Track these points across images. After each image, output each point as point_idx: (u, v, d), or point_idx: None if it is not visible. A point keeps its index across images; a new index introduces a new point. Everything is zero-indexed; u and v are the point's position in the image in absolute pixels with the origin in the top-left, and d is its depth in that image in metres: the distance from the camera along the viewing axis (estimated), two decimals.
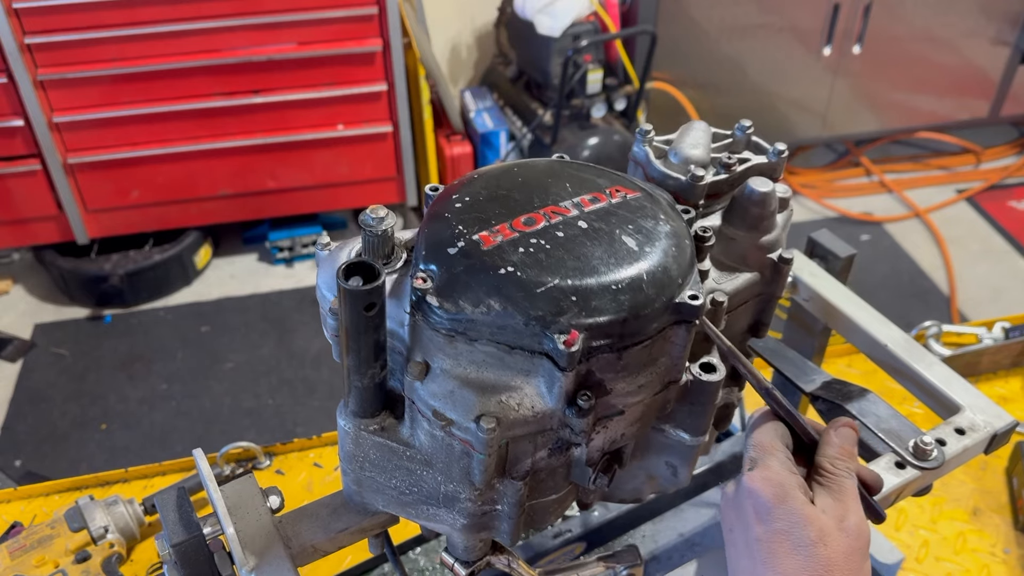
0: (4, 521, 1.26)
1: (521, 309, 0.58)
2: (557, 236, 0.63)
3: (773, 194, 0.74)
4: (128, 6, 2.67)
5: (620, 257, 0.62)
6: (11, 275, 3.26)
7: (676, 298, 0.62)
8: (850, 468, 0.67)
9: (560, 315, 0.58)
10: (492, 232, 0.62)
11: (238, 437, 1.45)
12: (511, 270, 0.60)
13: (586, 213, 0.65)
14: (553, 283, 0.59)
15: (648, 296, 0.61)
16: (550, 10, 2.99)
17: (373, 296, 0.55)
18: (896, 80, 3.57)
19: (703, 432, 0.68)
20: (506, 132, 3.26)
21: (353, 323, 0.56)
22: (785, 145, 0.80)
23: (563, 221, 0.64)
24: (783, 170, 0.81)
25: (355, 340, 0.57)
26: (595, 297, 0.59)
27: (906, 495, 0.80)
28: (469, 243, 0.62)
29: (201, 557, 0.66)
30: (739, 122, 0.81)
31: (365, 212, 0.63)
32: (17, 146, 2.83)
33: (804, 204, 3.67)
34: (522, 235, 0.62)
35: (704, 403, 0.65)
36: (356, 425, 0.63)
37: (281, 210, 3.25)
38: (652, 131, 0.78)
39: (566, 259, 0.61)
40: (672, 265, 0.63)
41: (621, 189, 0.69)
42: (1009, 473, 1.32)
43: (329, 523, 0.69)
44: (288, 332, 3.00)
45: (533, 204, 0.66)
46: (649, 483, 0.78)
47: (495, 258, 0.60)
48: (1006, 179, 3.82)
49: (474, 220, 0.64)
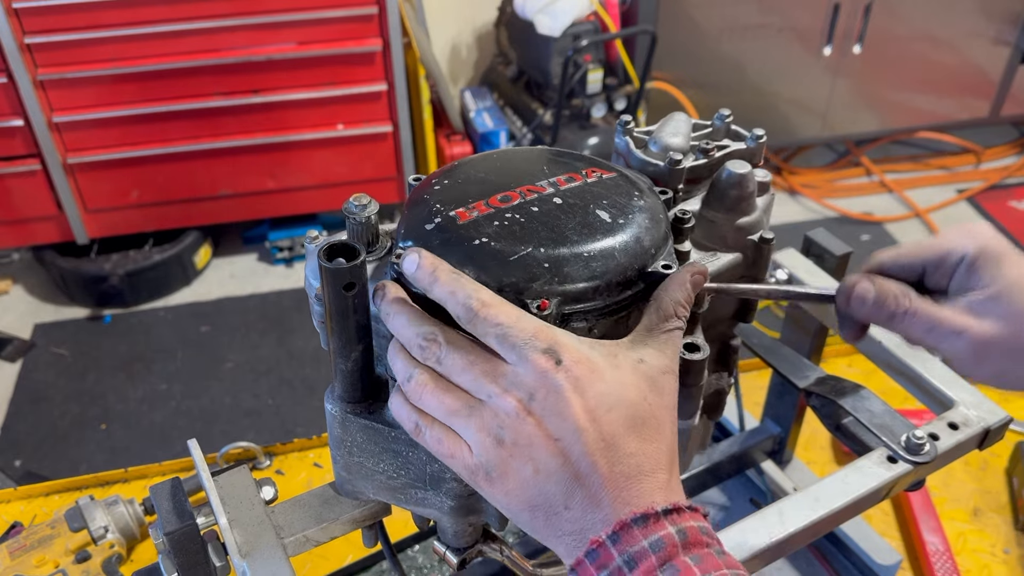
0: (4, 521, 1.26)
1: (494, 276, 0.59)
2: (532, 211, 0.64)
3: (751, 175, 0.75)
4: (128, 6, 2.68)
5: (593, 228, 0.63)
6: (11, 275, 3.27)
7: (649, 267, 0.63)
8: (686, 319, 0.61)
9: (533, 281, 0.59)
10: (468, 209, 0.64)
11: (238, 437, 1.45)
12: (485, 241, 0.61)
13: (561, 191, 0.67)
14: (526, 251, 0.60)
15: (620, 263, 0.62)
16: (550, 10, 3.00)
17: (353, 275, 0.55)
18: (896, 80, 3.57)
19: (691, 415, 0.68)
20: (506, 132, 3.27)
21: (335, 303, 0.57)
22: (763, 131, 0.81)
23: (538, 198, 0.65)
24: (762, 155, 0.82)
25: (338, 321, 0.58)
26: (567, 264, 0.60)
27: (898, 490, 0.80)
28: (446, 218, 0.63)
29: (194, 546, 0.66)
30: (719, 111, 0.82)
31: (348, 200, 0.63)
32: (17, 146, 2.84)
33: (804, 204, 3.67)
34: (497, 210, 0.64)
35: (690, 384, 0.66)
36: (343, 409, 0.64)
37: (281, 210, 3.25)
38: (632, 122, 0.79)
39: (540, 230, 0.62)
40: (645, 236, 0.64)
41: (597, 170, 0.70)
42: (1009, 473, 1.31)
43: (321, 513, 0.69)
44: (288, 332, 3.00)
45: (510, 184, 0.67)
46: None
47: (470, 231, 0.62)
48: (1006, 179, 3.82)
49: (452, 199, 0.65)
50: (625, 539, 0.50)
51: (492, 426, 0.54)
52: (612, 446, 0.53)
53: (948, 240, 0.66)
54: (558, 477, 0.53)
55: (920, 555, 1.18)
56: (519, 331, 0.54)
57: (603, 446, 0.53)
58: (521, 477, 0.54)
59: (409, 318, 0.57)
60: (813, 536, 0.76)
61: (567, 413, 0.53)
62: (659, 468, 0.54)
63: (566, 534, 0.54)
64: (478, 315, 0.54)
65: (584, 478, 0.53)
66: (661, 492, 0.53)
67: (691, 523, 0.52)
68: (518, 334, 0.54)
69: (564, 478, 0.53)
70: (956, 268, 0.65)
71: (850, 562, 1.12)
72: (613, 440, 0.53)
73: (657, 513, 0.51)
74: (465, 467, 0.56)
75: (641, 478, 0.53)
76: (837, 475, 0.78)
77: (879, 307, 0.65)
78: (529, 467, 0.53)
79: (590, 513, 0.53)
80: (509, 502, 0.55)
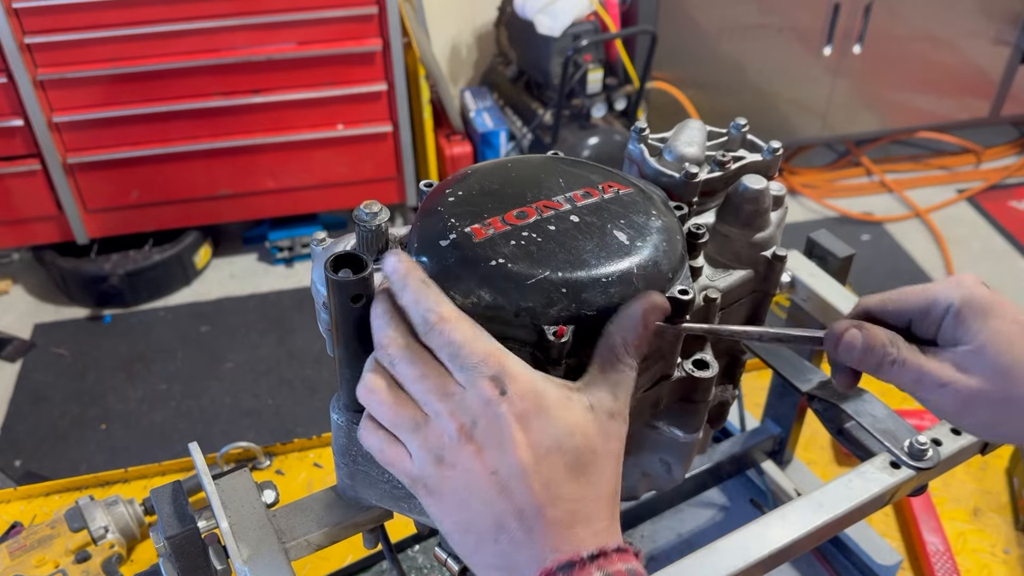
0: (4, 521, 1.26)
1: (511, 301, 0.58)
2: (548, 230, 0.63)
3: (767, 191, 0.74)
4: (128, 6, 2.67)
5: (611, 251, 0.62)
6: (11, 275, 3.26)
7: (666, 292, 0.62)
8: (640, 357, 0.58)
9: (550, 307, 0.58)
10: (484, 225, 0.62)
11: (238, 437, 1.45)
12: (502, 262, 0.60)
13: (578, 207, 0.65)
14: (543, 275, 0.59)
15: (638, 289, 0.61)
16: (550, 10, 2.99)
17: (360, 287, 0.55)
18: (896, 80, 3.57)
19: (696, 429, 0.68)
20: (506, 132, 3.27)
21: (342, 314, 0.56)
22: (780, 144, 0.80)
23: (555, 215, 0.64)
24: (778, 168, 0.81)
25: (344, 332, 0.58)
26: (585, 290, 0.59)
27: (901, 495, 0.80)
28: (461, 235, 0.61)
29: (195, 549, 0.66)
30: (735, 120, 0.81)
31: (359, 207, 0.63)
32: (17, 146, 2.84)
33: (804, 204, 3.67)
34: (514, 228, 0.62)
35: (697, 400, 0.65)
36: (349, 419, 0.63)
37: (281, 210, 3.25)
38: (647, 129, 0.78)
39: (557, 252, 0.61)
40: (663, 260, 0.63)
41: (614, 184, 0.69)
42: (1010, 473, 1.31)
43: (323, 517, 0.69)
44: (288, 332, 3.00)
45: (526, 198, 0.65)
46: (644, 480, 0.78)
47: (486, 250, 0.60)
48: (1007, 179, 3.82)
49: (466, 213, 0.63)
50: None
51: (434, 445, 0.53)
52: (550, 488, 0.52)
53: (934, 290, 0.65)
54: (491, 509, 0.52)
55: (920, 555, 1.18)
56: (470, 352, 0.53)
57: (540, 487, 0.52)
58: (456, 499, 0.53)
59: (383, 319, 0.56)
60: (817, 541, 0.75)
61: (507, 447, 0.52)
62: (597, 516, 0.53)
63: (492, 568, 0.53)
64: (434, 328, 0.54)
65: (517, 516, 0.52)
66: (594, 539, 0.52)
67: (619, 566, 0.51)
68: (468, 355, 0.53)
69: (497, 512, 0.52)
70: (943, 318, 0.64)
71: (850, 562, 1.12)
72: (551, 483, 0.52)
73: (583, 559, 0.50)
74: (406, 475, 0.55)
75: (575, 525, 0.52)
76: (840, 480, 0.77)
77: (867, 354, 0.63)
78: (464, 492, 0.53)
79: (518, 552, 0.52)
80: (443, 519, 0.55)
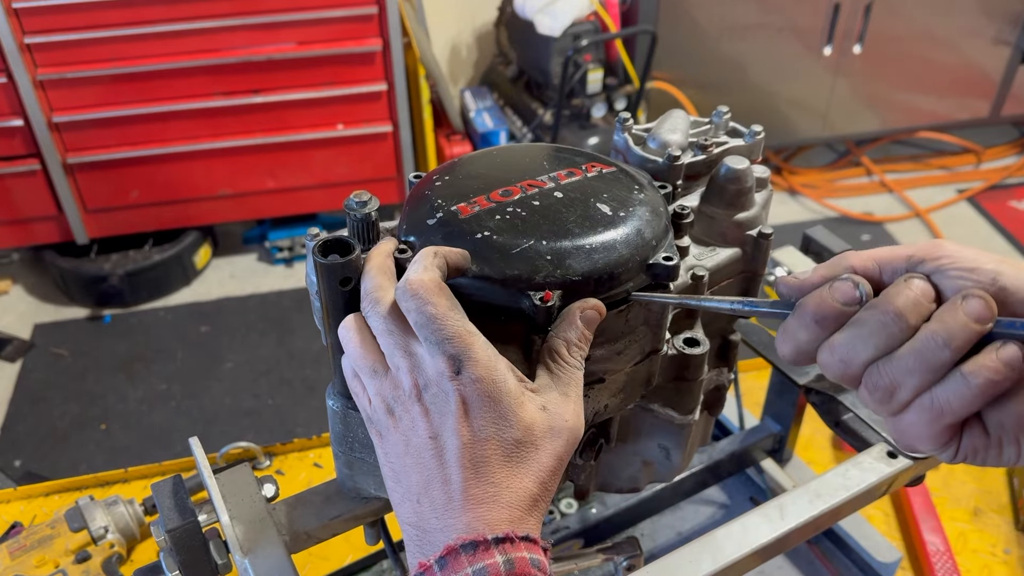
0: (4, 521, 1.26)
1: (497, 269, 0.60)
2: (533, 204, 0.65)
3: (749, 171, 0.75)
4: (128, 6, 2.68)
5: (595, 221, 0.64)
6: (11, 275, 3.26)
7: (650, 259, 0.64)
8: (583, 356, 0.60)
9: (536, 273, 0.60)
10: (470, 203, 0.64)
11: (238, 437, 1.45)
12: (487, 234, 0.61)
13: (562, 185, 0.67)
14: (528, 244, 0.61)
15: (622, 255, 0.62)
16: (550, 10, 3.00)
17: (347, 270, 0.56)
18: (896, 80, 3.57)
19: (691, 411, 0.68)
20: (506, 132, 3.27)
21: (331, 298, 0.57)
22: (761, 127, 0.81)
23: (539, 192, 0.66)
24: (760, 151, 0.82)
25: (335, 316, 0.59)
26: (570, 256, 0.61)
27: (898, 485, 0.80)
28: (447, 213, 0.64)
29: (196, 543, 0.66)
30: (716, 108, 0.82)
31: (349, 196, 0.64)
32: (16, 146, 2.84)
33: (804, 204, 3.67)
34: (499, 204, 0.64)
35: (690, 379, 0.66)
36: (344, 405, 0.64)
37: (281, 210, 3.25)
38: (631, 119, 0.80)
39: (541, 223, 0.63)
40: (646, 229, 0.65)
41: (597, 165, 0.71)
42: (1010, 473, 1.31)
43: (322, 510, 0.70)
44: (288, 332, 3.00)
45: (511, 180, 0.67)
46: (645, 470, 0.78)
47: (472, 225, 0.62)
48: (1007, 179, 3.82)
49: (453, 195, 0.66)
50: (452, 565, 0.51)
51: (388, 395, 0.57)
52: (479, 468, 0.54)
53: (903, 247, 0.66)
54: (423, 468, 0.55)
55: (920, 555, 1.18)
56: (439, 327, 0.55)
57: (471, 464, 0.54)
58: (396, 448, 0.57)
59: (372, 272, 0.59)
60: (814, 531, 0.76)
61: (449, 420, 0.55)
62: (518, 505, 0.54)
63: (409, 524, 0.56)
64: (414, 296, 0.55)
65: (443, 482, 0.54)
66: (507, 526, 0.53)
67: (523, 554, 0.52)
68: (437, 330, 0.55)
69: (427, 472, 0.55)
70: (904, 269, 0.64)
71: (850, 560, 1.12)
72: (483, 463, 0.54)
73: (487, 541, 0.52)
74: (364, 411, 0.60)
75: (494, 507, 0.53)
76: (837, 470, 0.78)
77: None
78: (403, 445, 0.56)
79: (434, 519, 0.54)
80: (384, 461, 0.58)
